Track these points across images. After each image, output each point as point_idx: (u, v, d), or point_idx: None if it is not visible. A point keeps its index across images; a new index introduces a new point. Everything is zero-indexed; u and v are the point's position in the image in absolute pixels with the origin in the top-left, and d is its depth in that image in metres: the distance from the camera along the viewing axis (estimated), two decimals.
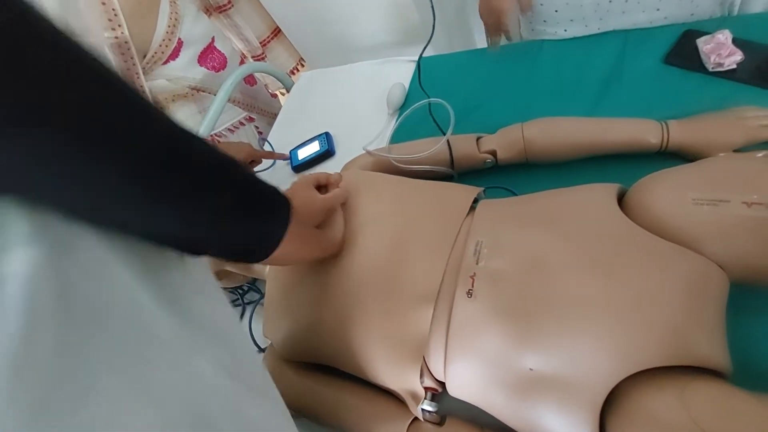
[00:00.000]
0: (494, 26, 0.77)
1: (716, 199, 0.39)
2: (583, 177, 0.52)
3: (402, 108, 0.83)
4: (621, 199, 0.46)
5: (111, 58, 0.88)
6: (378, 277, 0.46)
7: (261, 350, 0.63)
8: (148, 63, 0.93)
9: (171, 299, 0.28)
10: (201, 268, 0.34)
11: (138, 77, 0.93)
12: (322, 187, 0.54)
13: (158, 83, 0.97)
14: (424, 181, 0.56)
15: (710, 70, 0.61)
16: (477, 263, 0.42)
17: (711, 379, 0.34)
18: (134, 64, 0.91)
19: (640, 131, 0.53)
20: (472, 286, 0.41)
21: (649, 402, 0.34)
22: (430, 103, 0.66)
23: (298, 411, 0.53)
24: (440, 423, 0.47)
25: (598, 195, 0.44)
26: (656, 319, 0.35)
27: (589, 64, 0.72)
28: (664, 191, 0.42)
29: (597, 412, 0.35)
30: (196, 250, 0.31)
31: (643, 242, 0.39)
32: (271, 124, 1.02)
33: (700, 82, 0.61)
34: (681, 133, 0.52)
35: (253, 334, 0.65)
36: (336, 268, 0.49)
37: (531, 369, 0.37)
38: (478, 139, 0.62)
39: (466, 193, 0.51)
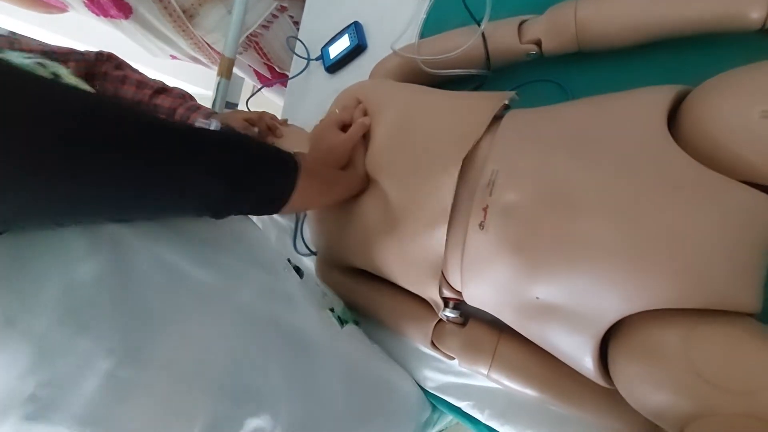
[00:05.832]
0: None
1: None
2: (651, 72, 0.43)
3: None
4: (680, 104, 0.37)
5: None
6: (389, 204, 0.47)
7: (313, 253, 0.72)
8: None
9: (209, 256, 0.38)
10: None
11: None
12: (347, 126, 0.54)
13: None
14: (446, 93, 0.51)
15: None
16: (490, 194, 0.40)
17: (731, 319, 0.32)
18: None
19: (735, 1, 0.39)
20: (485, 219, 0.40)
21: (653, 335, 0.33)
22: None
23: (346, 303, 0.62)
24: (463, 323, 0.52)
25: (645, 108, 0.37)
26: (676, 263, 0.32)
27: None
28: (723, 100, 0.32)
29: (598, 339, 0.36)
30: (224, 211, 0.37)
31: (685, 176, 0.33)
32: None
33: None
34: None
35: (305, 239, 0.73)
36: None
37: (537, 298, 0.39)
38: (521, 23, 0.52)
39: (487, 105, 0.46)
